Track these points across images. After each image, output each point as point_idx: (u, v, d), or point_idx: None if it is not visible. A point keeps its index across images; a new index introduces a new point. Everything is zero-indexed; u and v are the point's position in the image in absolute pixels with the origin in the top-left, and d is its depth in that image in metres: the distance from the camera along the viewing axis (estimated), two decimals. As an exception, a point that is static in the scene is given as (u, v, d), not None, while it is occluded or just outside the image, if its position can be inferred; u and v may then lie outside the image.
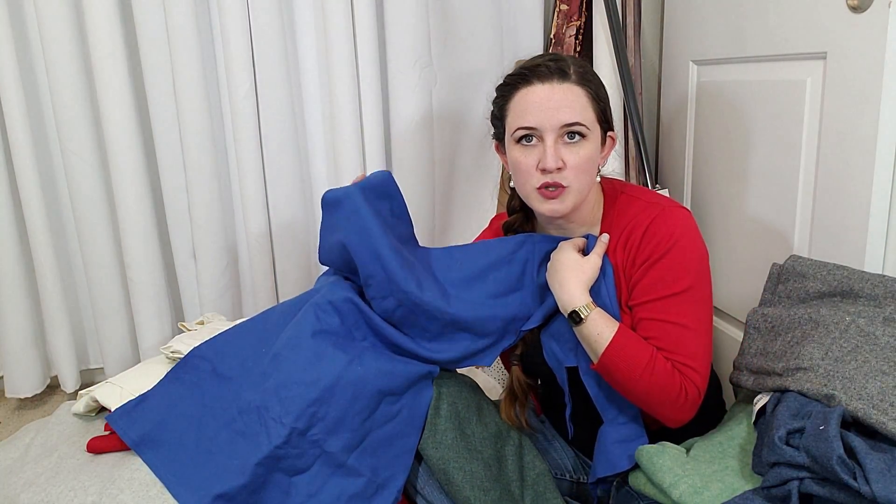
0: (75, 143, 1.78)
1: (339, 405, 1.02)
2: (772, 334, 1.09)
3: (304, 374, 1.04)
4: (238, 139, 1.81)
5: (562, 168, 1.03)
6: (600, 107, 1.05)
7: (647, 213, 1.06)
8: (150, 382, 1.26)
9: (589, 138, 1.03)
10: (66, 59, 1.72)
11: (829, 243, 1.21)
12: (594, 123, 1.04)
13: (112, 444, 1.18)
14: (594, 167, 1.07)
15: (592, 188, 1.10)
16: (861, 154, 1.11)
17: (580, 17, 1.80)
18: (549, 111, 1.02)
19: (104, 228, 1.85)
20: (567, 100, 1.01)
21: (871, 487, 0.77)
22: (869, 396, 0.88)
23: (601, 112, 1.05)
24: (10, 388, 1.93)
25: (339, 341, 1.08)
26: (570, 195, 1.05)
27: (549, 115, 1.02)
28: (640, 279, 1.05)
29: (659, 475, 0.98)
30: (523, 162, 1.05)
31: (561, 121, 1.02)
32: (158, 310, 1.89)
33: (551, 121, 1.02)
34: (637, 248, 1.05)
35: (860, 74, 1.10)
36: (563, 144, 1.03)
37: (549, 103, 1.02)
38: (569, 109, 1.01)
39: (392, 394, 1.05)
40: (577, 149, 1.03)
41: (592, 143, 1.04)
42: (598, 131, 1.05)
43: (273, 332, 1.16)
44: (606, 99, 1.07)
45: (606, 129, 1.08)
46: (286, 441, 1.00)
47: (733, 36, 1.43)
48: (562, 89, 1.02)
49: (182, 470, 1.05)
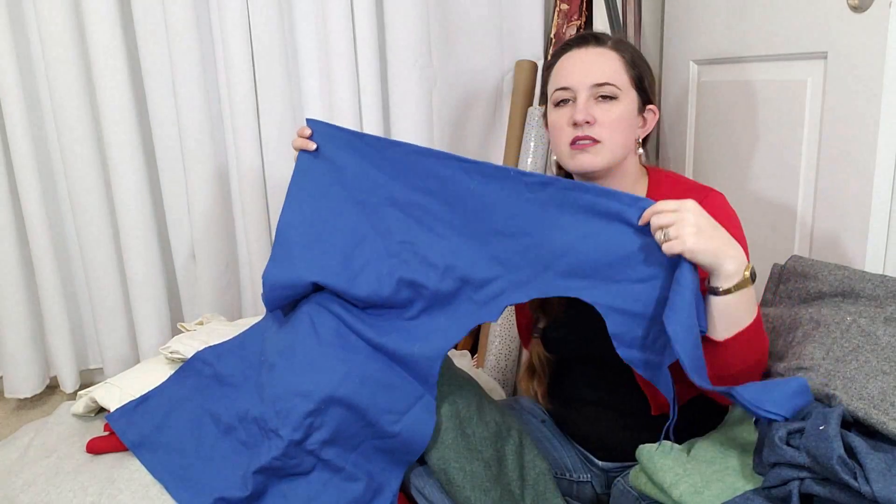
0: (75, 144, 1.77)
1: (335, 417, 1.01)
2: (773, 335, 1.08)
3: (299, 384, 1.03)
4: (238, 139, 1.81)
5: (591, 123, 1.05)
6: (636, 73, 1.08)
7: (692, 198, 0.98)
8: (149, 383, 1.26)
9: (621, 99, 1.06)
10: (66, 59, 1.72)
11: (830, 243, 1.21)
12: (627, 86, 1.07)
13: (111, 444, 1.18)
14: (628, 129, 1.08)
15: (631, 162, 1.11)
16: (862, 154, 1.11)
17: (580, 16, 1.80)
18: (581, 71, 1.07)
19: (104, 229, 1.85)
20: (600, 61, 1.06)
21: (872, 487, 0.76)
22: (869, 396, 0.88)
23: (637, 78, 1.08)
24: (9, 389, 1.93)
25: (336, 351, 1.06)
26: (602, 150, 1.06)
27: (582, 74, 1.06)
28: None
29: (659, 475, 0.98)
30: (557, 121, 1.09)
31: (592, 80, 1.06)
32: (158, 310, 1.89)
33: (583, 80, 1.06)
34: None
35: (861, 74, 1.09)
36: (595, 103, 1.06)
37: (583, 65, 1.07)
38: (600, 70, 1.06)
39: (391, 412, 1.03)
40: (608, 107, 1.06)
41: (625, 104, 1.06)
42: (632, 96, 1.08)
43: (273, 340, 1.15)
44: (646, 70, 1.10)
45: (645, 100, 1.10)
46: (283, 453, 1.00)
47: (734, 36, 1.43)
48: (596, 52, 1.07)
49: (180, 472, 1.05)
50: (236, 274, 1.96)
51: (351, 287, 1.08)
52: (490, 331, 1.77)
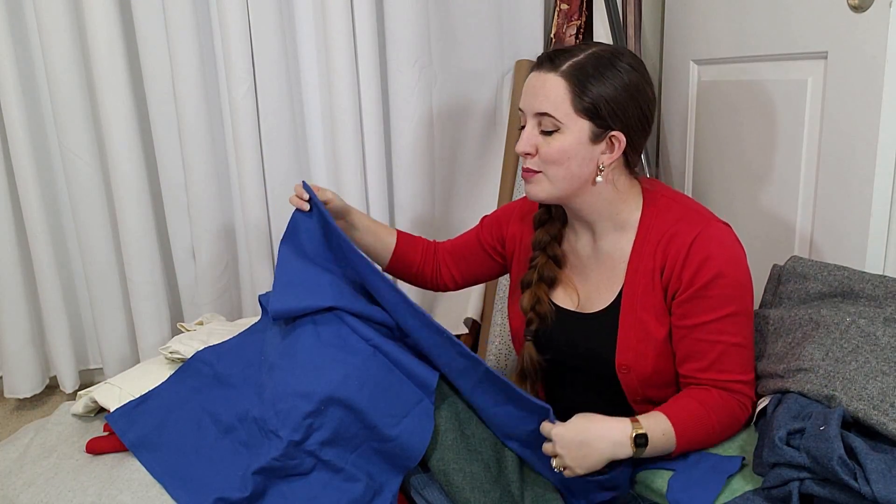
0: (74, 143, 1.78)
1: (335, 418, 1.01)
2: (773, 336, 1.08)
3: (299, 385, 1.03)
4: (238, 139, 1.81)
5: (531, 154, 1.04)
6: (587, 101, 1.00)
7: (689, 229, 1.03)
8: (149, 383, 1.26)
9: (563, 132, 1.01)
10: (66, 59, 1.72)
11: (830, 243, 1.21)
12: (570, 116, 1.00)
13: (111, 444, 1.18)
14: (574, 162, 1.02)
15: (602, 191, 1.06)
16: (862, 153, 1.11)
17: (580, 16, 1.80)
18: (529, 96, 1.04)
19: (103, 229, 1.85)
20: (544, 89, 1.01)
21: (872, 488, 0.76)
22: (869, 397, 0.88)
23: (588, 107, 1.00)
24: (9, 389, 1.93)
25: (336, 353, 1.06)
26: (542, 182, 1.05)
27: (529, 100, 1.04)
28: (686, 301, 1.03)
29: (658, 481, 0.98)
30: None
31: (534, 108, 1.03)
32: (157, 310, 1.89)
33: (529, 106, 1.04)
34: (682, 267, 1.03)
35: (861, 74, 1.09)
36: (541, 133, 1.03)
37: (532, 89, 1.03)
38: (542, 99, 1.01)
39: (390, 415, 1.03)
40: (550, 140, 1.02)
41: (568, 136, 1.01)
42: (579, 126, 1.00)
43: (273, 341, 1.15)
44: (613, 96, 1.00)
45: (603, 126, 1.02)
46: (283, 454, 0.99)
47: (734, 35, 1.43)
48: (544, 78, 1.02)
49: (180, 473, 1.05)
50: (236, 274, 1.96)
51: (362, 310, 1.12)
52: (490, 331, 1.77)
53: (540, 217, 1.18)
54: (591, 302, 1.13)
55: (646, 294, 1.06)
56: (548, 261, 1.15)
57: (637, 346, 1.06)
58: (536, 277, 1.15)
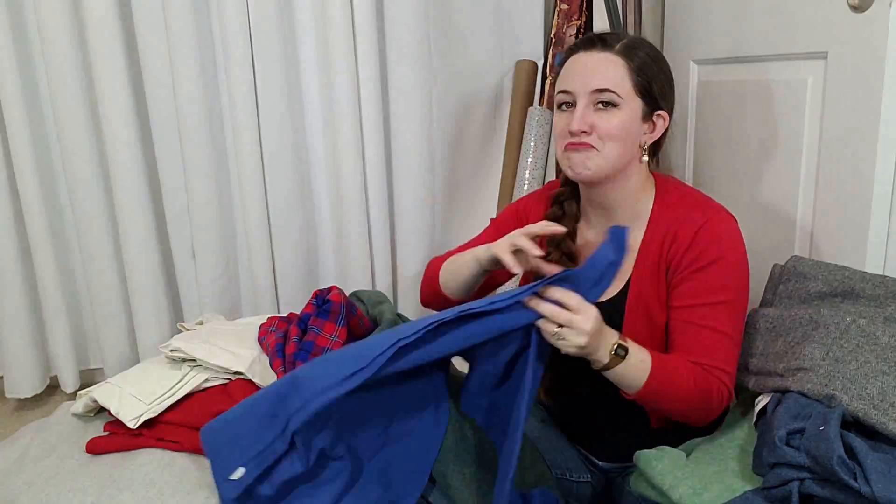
0: (75, 144, 1.78)
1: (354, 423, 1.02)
2: (772, 335, 1.08)
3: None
4: (237, 139, 1.81)
5: (588, 132, 1.03)
6: (642, 79, 1.03)
7: (697, 216, 1.06)
8: (149, 382, 1.26)
9: (622, 108, 1.03)
10: (66, 60, 1.72)
11: (830, 243, 1.21)
12: (630, 94, 1.03)
13: (112, 444, 1.18)
14: (629, 139, 1.05)
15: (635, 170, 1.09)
16: (862, 154, 1.11)
17: (580, 16, 1.80)
18: (583, 76, 1.04)
19: (104, 229, 1.85)
20: (602, 67, 1.03)
21: (872, 488, 0.76)
22: (869, 397, 0.88)
23: (643, 86, 1.04)
24: (9, 389, 1.94)
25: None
26: (596, 158, 1.04)
27: (583, 79, 1.04)
28: (683, 282, 1.05)
29: (658, 478, 0.98)
30: (558, 125, 1.07)
31: (592, 86, 1.03)
32: (158, 310, 1.89)
33: (584, 85, 1.03)
34: (685, 250, 1.05)
35: (861, 74, 1.09)
36: (595, 111, 1.04)
37: (585, 69, 1.04)
38: (601, 76, 1.02)
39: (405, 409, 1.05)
40: (608, 116, 1.03)
41: (627, 113, 1.03)
42: (635, 104, 1.04)
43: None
44: (656, 75, 1.05)
45: (652, 106, 1.06)
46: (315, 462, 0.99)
47: (734, 36, 1.43)
48: (600, 57, 1.03)
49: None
50: (236, 274, 1.96)
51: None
52: (490, 331, 1.77)
53: (554, 214, 1.19)
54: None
55: (651, 282, 1.08)
56: (562, 256, 1.16)
57: (642, 332, 1.08)
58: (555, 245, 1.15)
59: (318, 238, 1.96)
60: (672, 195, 1.12)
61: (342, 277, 1.95)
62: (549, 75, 1.86)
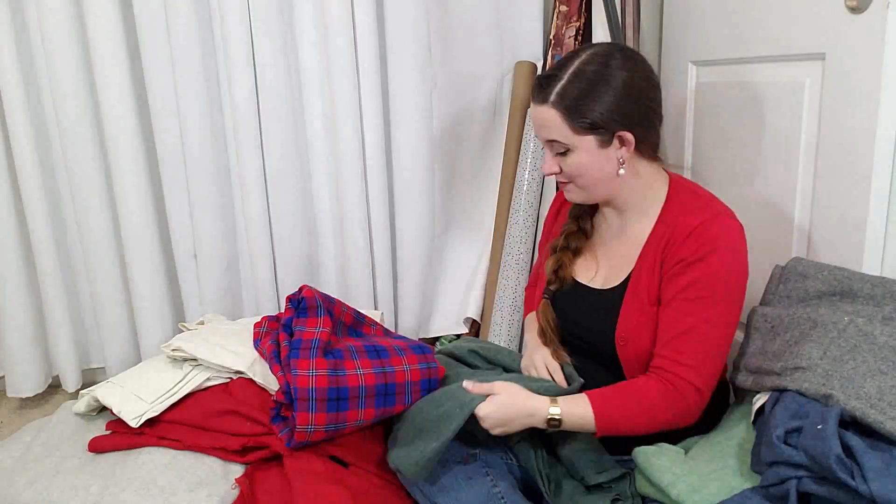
0: (77, 144, 1.78)
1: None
2: (771, 334, 1.09)
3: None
4: (239, 139, 1.81)
5: (557, 173, 1.15)
6: (581, 121, 1.07)
7: (699, 215, 1.10)
8: (151, 381, 1.26)
9: (574, 150, 1.10)
10: (67, 60, 1.72)
11: (828, 243, 1.21)
12: (573, 137, 1.09)
13: (113, 443, 1.18)
14: (595, 167, 1.11)
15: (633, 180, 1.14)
16: (860, 155, 1.11)
17: (580, 18, 1.80)
18: (538, 129, 1.14)
19: (106, 229, 1.86)
20: (544, 121, 1.10)
21: (870, 486, 0.77)
22: (867, 396, 0.88)
23: (585, 125, 1.07)
24: (11, 388, 1.94)
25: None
26: (574, 190, 1.16)
27: (538, 132, 1.14)
28: (673, 277, 1.09)
29: (657, 475, 0.99)
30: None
31: (542, 136, 1.13)
32: (159, 309, 1.90)
33: (540, 136, 1.14)
34: (679, 245, 1.09)
35: (859, 75, 1.10)
36: (556, 154, 1.13)
37: (536, 122, 1.13)
38: (546, 130, 1.11)
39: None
40: (566, 158, 1.12)
41: (579, 153, 1.10)
42: (586, 141, 1.09)
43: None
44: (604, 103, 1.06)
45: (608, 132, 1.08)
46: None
47: (732, 37, 1.44)
48: (541, 111, 1.10)
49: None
50: (237, 274, 1.96)
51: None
52: (490, 331, 1.77)
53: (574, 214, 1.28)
54: (606, 279, 1.20)
55: (648, 276, 1.12)
56: (577, 230, 1.25)
57: (637, 321, 1.11)
58: (563, 244, 1.25)
59: (319, 238, 1.97)
60: (683, 195, 1.16)
61: (342, 277, 1.95)
62: (548, 76, 1.87)
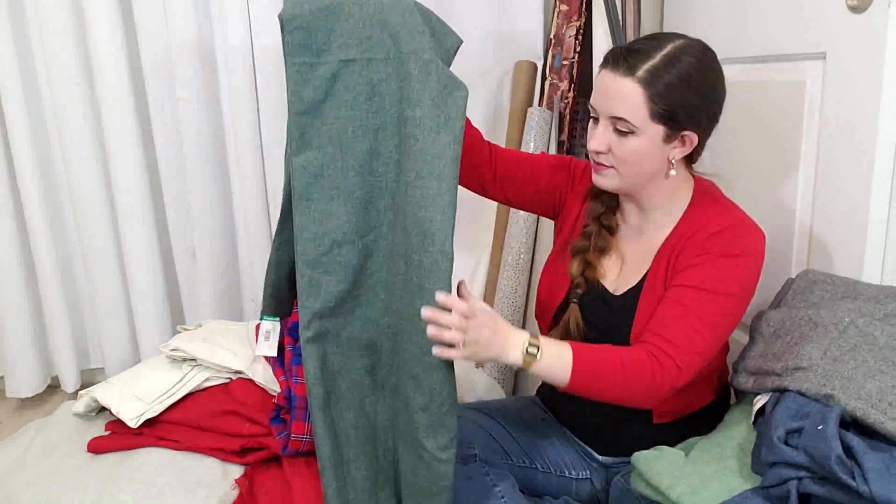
0: (76, 145, 1.78)
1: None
2: (773, 337, 1.09)
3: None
4: (238, 140, 1.81)
5: (604, 152, 1.07)
6: (661, 108, 1.02)
7: (727, 218, 1.08)
8: (150, 382, 1.26)
9: (638, 135, 1.04)
10: (67, 61, 1.73)
11: (828, 243, 1.21)
12: (646, 122, 1.03)
13: (112, 443, 1.18)
14: (647, 160, 1.06)
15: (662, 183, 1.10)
16: (861, 154, 1.11)
17: (580, 17, 1.80)
18: (604, 99, 1.05)
19: (105, 230, 1.86)
20: (620, 94, 1.02)
21: (870, 487, 0.77)
22: (867, 396, 0.88)
23: (662, 113, 1.02)
24: (10, 389, 1.94)
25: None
26: (613, 176, 1.09)
27: (603, 103, 1.05)
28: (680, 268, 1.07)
29: (657, 478, 0.98)
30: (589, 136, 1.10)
31: (609, 111, 1.04)
32: (158, 310, 1.90)
33: (603, 108, 1.06)
34: (703, 240, 1.07)
35: (860, 75, 1.10)
36: (615, 131, 1.05)
37: (606, 92, 1.05)
38: (619, 103, 1.03)
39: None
40: (624, 140, 1.05)
41: (642, 139, 1.04)
42: (653, 130, 1.03)
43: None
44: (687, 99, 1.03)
45: (677, 128, 1.05)
46: None
47: (733, 36, 1.43)
48: (621, 83, 1.02)
49: None
50: (236, 275, 1.96)
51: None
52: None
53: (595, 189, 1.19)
54: (622, 280, 1.16)
55: (662, 280, 1.10)
56: (601, 229, 1.18)
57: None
58: (590, 245, 1.18)
59: (319, 238, 1.97)
60: (704, 201, 1.13)
61: (342, 277, 1.95)
62: (548, 76, 1.86)
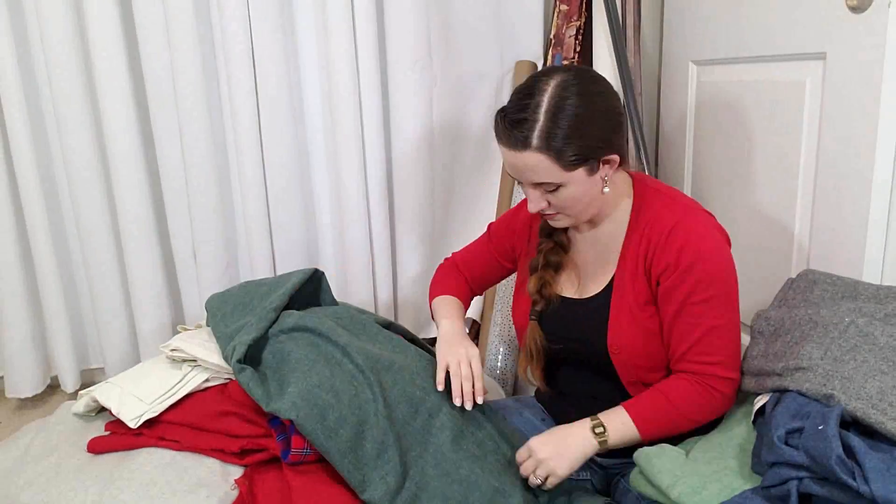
0: (76, 144, 1.78)
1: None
2: (773, 337, 1.09)
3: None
4: (238, 140, 1.81)
5: (545, 208, 1.10)
6: (572, 157, 1.02)
7: (668, 217, 1.09)
8: (150, 382, 1.26)
9: (565, 185, 1.05)
10: (67, 59, 1.72)
11: (828, 243, 1.21)
12: (565, 174, 1.04)
13: (112, 444, 1.18)
14: (585, 197, 1.08)
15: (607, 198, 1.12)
16: (860, 154, 1.11)
17: (580, 17, 1.80)
18: (518, 173, 1.07)
19: (104, 229, 1.85)
20: (528, 166, 1.04)
21: (871, 487, 0.77)
22: (868, 396, 0.88)
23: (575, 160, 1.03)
24: (10, 389, 1.94)
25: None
26: (563, 219, 1.12)
27: (520, 175, 1.08)
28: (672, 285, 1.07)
29: (658, 476, 0.98)
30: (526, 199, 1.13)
31: (530, 180, 1.07)
32: (159, 310, 1.90)
33: (522, 179, 1.08)
34: (661, 252, 1.08)
35: (859, 75, 1.10)
36: (544, 191, 1.08)
37: (516, 167, 1.06)
38: (532, 173, 1.05)
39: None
40: (556, 193, 1.07)
41: (570, 187, 1.06)
42: (576, 175, 1.04)
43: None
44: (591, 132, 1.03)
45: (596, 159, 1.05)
46: None
47: (733, 36, 1.44)
48: (524, 157, 1.03)
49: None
50: (237, 275, 1.96)
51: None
52: (489, 331, 1.77)
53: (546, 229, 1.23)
54: (588, 286, 1.18)
55: (633, 278, 1.12)
56: (554, 246, 1.21)
57: (627, 328, 1.11)
58: (543, 262, 1.20)
59: (319, 239, 1.97)
60: (647, 192, 1.15)
61: (343, 278, 1.95)
62: (548, 76, 1.86)
